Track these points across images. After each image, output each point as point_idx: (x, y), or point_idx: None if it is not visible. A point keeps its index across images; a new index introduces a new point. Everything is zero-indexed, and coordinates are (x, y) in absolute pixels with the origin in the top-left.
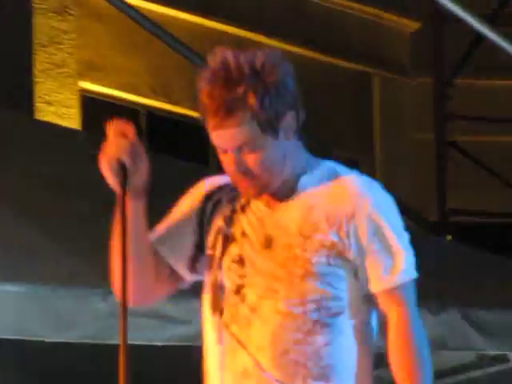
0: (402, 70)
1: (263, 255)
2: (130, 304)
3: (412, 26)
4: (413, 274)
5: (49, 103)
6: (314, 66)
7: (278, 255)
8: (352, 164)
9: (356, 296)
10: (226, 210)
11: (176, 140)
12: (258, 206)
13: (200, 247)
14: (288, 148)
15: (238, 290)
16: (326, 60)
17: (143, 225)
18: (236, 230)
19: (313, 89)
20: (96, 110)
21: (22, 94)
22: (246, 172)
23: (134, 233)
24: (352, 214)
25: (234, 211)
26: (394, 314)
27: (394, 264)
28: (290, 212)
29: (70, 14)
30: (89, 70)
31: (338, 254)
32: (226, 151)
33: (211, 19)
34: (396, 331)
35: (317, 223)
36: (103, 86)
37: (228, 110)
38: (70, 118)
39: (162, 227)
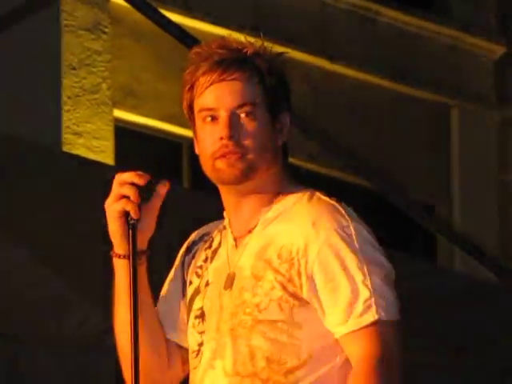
0: (485, 102)
1: (226, 297)
2: None
3: (497, 51)
4: (386, 314)
5: (78, 134)
6: (382, 95)
7: (235, 298)
8: (427, 210)
9: (321, 346)
10: (198, 260)
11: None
12: (227, 242)
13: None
14: (277, 152)
15: (198, 350)
16: (398, 88)
17: (149, 295)
18: (201, 282)
19: (382, 121)
20: (132, 143)
21: (48, 123)
22: (237, 141)
23: (142, 305)
24: (305, 245)
25: (205, 260)
26: (354, 359)
27: (358, 304)
28: (250, 246)
29: (104, 33)
30: (125, 96)
31: (291, 295)
32: (216, 116)
33: (266, 40)
34: (353, 378)
35: (269, 259)
36: (141, 115)
37: (236, 62)
38: (102, 151)
39: (159, 300)
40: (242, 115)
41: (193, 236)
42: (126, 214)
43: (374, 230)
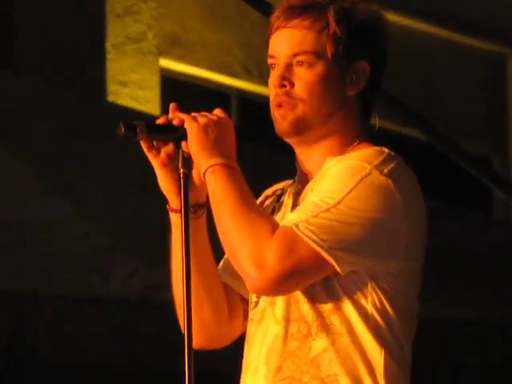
0: None
1: None
2: (200, 345)
3: None
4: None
5: (123, 84)
6: (437, 45)
7: None
8: (483, 163)
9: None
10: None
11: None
12: (292, 195)
13: None
14: (345, 103)
15: (257, 301)
16: (453, 37)
17: (207, 246)
18: None
19: (434, 71)
20: (179, 93)
21: (93, 74)
22: (289, 91)
23: (198, 256)
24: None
25: (272, 212)
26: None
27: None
28: (300, 200)
29: None
30: (171, 45)
31: None
32: (276, 63)
33: None
34: None
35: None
36: (188, 64)
37: (300, 8)
38: (148, 101)
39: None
40: (297, 64)
41: (267, 191)
42: (176, 163)
43: (426, 182)
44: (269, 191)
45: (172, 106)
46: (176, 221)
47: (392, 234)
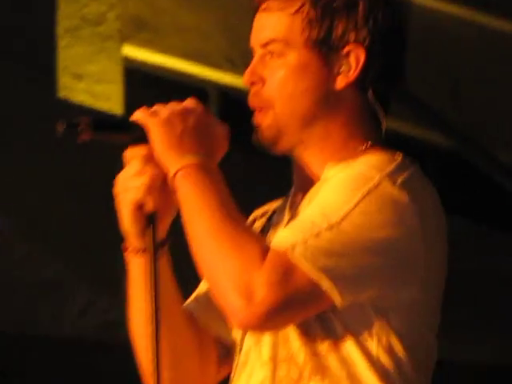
0: None
1: None
2: None
3: None
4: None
5: (79, 76)
6: (486, 35)
7: None
8: None
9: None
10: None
11: None
12: (285, 211)
13: None
14: (337, 100)
15: (241, 341)
16: (481, 20)
17: (174, 290)
18: None
19: (462, 63)
20: (147, 88)
21: (41, 64)
22: (259, 91)
23: (163, 301)
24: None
25: (262, 231)
26: None
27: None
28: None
29: None
30: (137, 29)
31: None
32: (254, 55)
33: None
34: None
35: None
36: (158, 52)
37: None
38: (108, 98)
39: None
40: (269, 55)
41: (256, 212)
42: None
43: (449, 196)
44: (258, 212)
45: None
46: (135, 263)
47: (405, 258)
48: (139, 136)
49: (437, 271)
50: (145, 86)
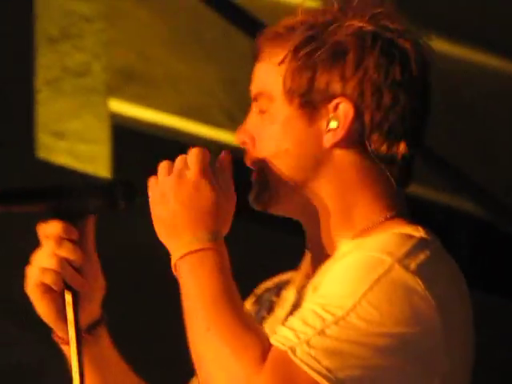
0: None
1: None
2: None
3: None
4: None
5: (59, 135)
6: (495, 78)
7: None
8: None
9: None
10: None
11: None
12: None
13: None
14: (332, 160)
15: None
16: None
17: (126, 372)
18: None
19: (488, 114)
20: (137, 148)
21: (17, 120)
22: (249, 151)
23: None
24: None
25: (268, 311)
26: None
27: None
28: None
29: None
30: (126, 81)
31: None
32: None
33: None
34: None
35: None
36: (149, 108)
37: (267, 38)
38: (93, 159)
39: None
40: (258, 111)
41: (266, 283)
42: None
43: (481, 273)
44: (269, 283)
45: None
46: (69, 351)
47: (422, 357)
48: (55, 206)
49: (462, 369)
50: (134, 145)
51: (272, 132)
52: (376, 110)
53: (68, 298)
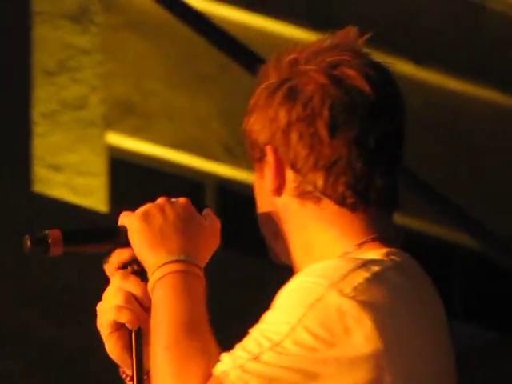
0: None
1: None
2: None
3: None
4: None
5: (56, 168)
6: (481, 108)
7: None
8: None
9: None
10: None
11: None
12: None
13: None
14: (289, 209)
15: None
16: (503, 100)
17: None
18: None
19: (483, 147)
20: (134, 181)
21: (14, 153)
22: None
23: None
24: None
25: None
26: None
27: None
28: None
29: (94, 23)
30: (124, 115)
31: None
32: None
33: None
34: None
35: None
36: (147, 141)
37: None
38: (91, 192)
39: None
40: None
41: None
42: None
43: (483, 308)
44: None
45: None
46: None
47: (359, 376)
48: (122, 241)
49: (412, 374)
50: (132, 178)
51: (257, 183)
52: (297, 150)
53: (133, 335)
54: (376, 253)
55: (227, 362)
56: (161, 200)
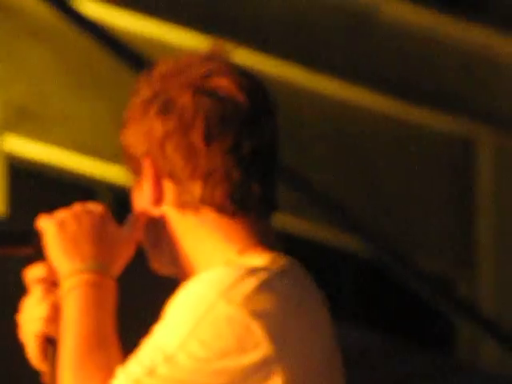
0: None
1: None
2: None
3: None
4: None
5: None
6: (386, 122)
7: None
8: (444, 286)
9: None
10: None
11: None
12: None
13: None
14: (166, 219)
15: None
16: (407, 113)
17: None
18: None
19: (380, 162)
20: (31, 186)
21: None
22: None
23: None
24: None
25: None
26: None
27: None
28: None
29: None
30: (20, 119)
31: None
32: None
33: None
34: None
35: None
36: (44, 145)
37: None
38: None
39: None
40: None
41: None
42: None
43: (368, 311)
44: None
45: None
46: None
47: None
48: (36, 249)
49: (305, 376)
50: (30, 184)
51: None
52: (174, 161)
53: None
54: (260, 259)
55: (121, 378)
56: (77, 207)
